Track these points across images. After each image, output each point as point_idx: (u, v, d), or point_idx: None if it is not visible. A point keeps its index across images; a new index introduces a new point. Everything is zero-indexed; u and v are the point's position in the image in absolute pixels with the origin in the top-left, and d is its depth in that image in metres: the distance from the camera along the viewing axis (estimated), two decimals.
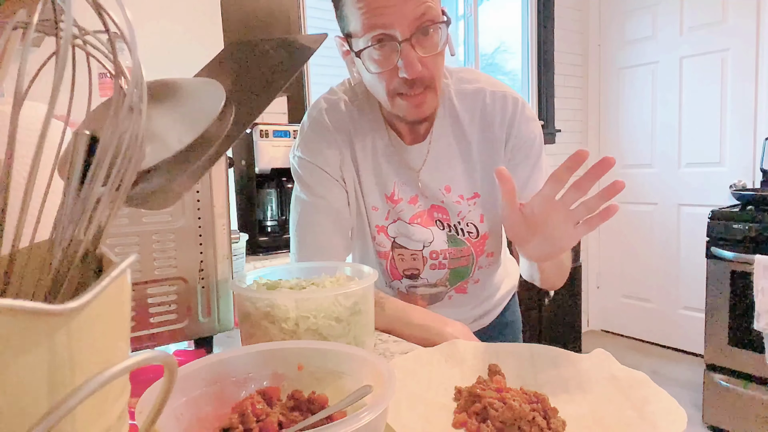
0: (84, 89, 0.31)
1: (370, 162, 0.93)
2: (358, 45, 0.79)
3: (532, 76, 3.20)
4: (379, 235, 0.96)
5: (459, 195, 0.93)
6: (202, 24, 1.88)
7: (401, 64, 0.76)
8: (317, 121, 0.93)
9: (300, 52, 0.42)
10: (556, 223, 0.64)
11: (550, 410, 0.51)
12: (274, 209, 1.85)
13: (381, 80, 0.81)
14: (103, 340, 0.21)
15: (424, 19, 0.75)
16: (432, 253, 0.96)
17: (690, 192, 2.99)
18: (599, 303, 3.51)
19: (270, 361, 0.47)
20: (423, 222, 0.95)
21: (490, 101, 0.90)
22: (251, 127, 1.70)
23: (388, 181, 0.93)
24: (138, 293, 0.61)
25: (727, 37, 2.77)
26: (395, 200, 0.94)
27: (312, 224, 0.92)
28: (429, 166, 0.92)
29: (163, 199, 0.32)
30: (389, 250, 0.97)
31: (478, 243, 0.96)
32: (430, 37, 0.77)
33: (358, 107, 0.93)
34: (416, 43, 0.76)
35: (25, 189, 0.25)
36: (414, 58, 0.76)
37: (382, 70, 0.79)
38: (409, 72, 0.76)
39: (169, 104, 0.33)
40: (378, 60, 0.79)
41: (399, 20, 0.74)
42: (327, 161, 0.91)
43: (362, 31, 0.77)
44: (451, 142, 0.91)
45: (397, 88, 0.80)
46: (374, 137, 0.93)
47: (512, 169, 0.91)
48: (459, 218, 0.94)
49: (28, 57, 0.22)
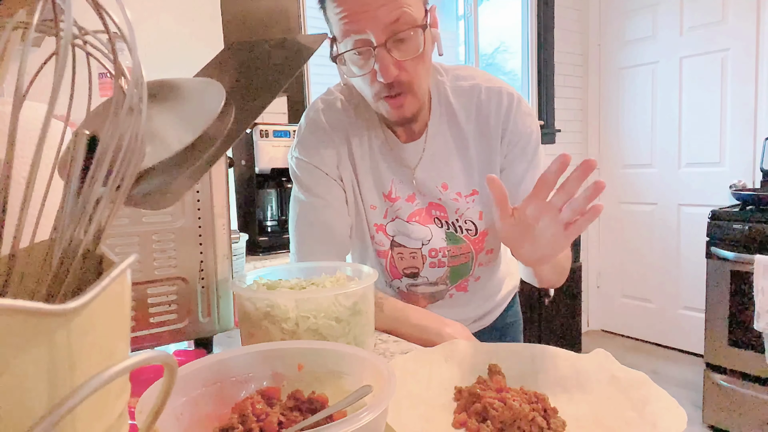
0: (84, 89, 0.31)
1: (368, 160, 0.93)
2: (340, 49, 0.81)
3: (532, 76, 3.20)
4: (378, 234, 0.96)
5: (456, 192, 0.93)
6: (202, 24, 1.88)
7: (377, 68, 0.78)
8: (314, 121, 0.93)
9: (300, 52, 0.42)
10: (547, 226, 0.64)
11: (550, 410, 0.51)
12: (274, 209, 1.85)
13: (365, 83, 0.83)
14: (103, 340, 0.21)
15: (400, 23, 0.76)
16: (431, 251, 0.96)
17: (690, 192, 2.99)
18: (599, 303, 3.50)
19: (270, 361, 0.47)
20: (421, 220, 0.95)
21: (486, 97, 0.90)
22: (251, 127, 1.70)
23: (386, 180, 0.94)
24: (138, 293, 0.61)
25: (727, 37, 2.77)
26: (393, 198, 0.94)
27: (311, 224, 0.92)
28: (425, 164, 0.92)
29: (163, 199, 0.31)
30: (388, 249, 0.97)
31: (477, 240, 0.96)
32: (407, 42, 0.78)
33: (355, 106, 0.94)
34: (392, 47, 0.77)
35: (25, 189, 0.25)
36: (389, 62, 0.77)
37: (361, 74, 0.81)
38: (385, 76, 0.77)
39: (169, 104, 0.33)
40: (358, 64, 0.80)
41: (373, 25, 0.75)
42: (324, 161, 0.92)
43: (341, 36, 0.79)
44: (448, 139, 0.92)
45: (378, 91, 0.82)
46: (370, 136, 0.93)
47: (508, 164, 0.91)
48: (457, 215, 0.94)
49: (28, 57, 0.22)
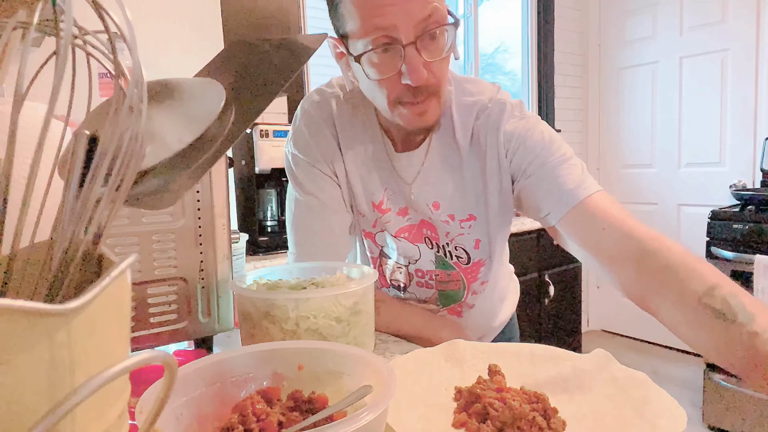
0: (84, 89, 0.31)
1: (360, 166, 0.86)
2: (357, 48, 0.71)
3: (532, 76, 3.20)
4: (367, 240, 0.92)
5: (449, 215, 0.85)
6: (202, 24, 1.88)
7: (405, 70, 0.69)
8: (308, 114, 0.86)
9: (300, 52, 0.42)
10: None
11: (550, 410, 0.51)
12: (274, 209, 1.85)
13: (381, 87, 0.73)
14: (103, 340, 0.21)
15: (431, 21, 0.68)
16: (417, 271, 0.90)
17: (690, 192, 2.99)
18: (599, 303, 3.50)
19: (270, 361, 0.47)
20: (410, 237, 0.88)
21: (483, 115, 0.81)
22: (251, 127, 1.70)
23: (376, 189, 0.86)
24: (138, 293, 0.61)
25: (727, 37, 2.77)
26: (383, 210, 0.87)
27: (308, 225, 0.87)
28: (421, 179, 0.84)
29: (163, 199, 0.31)
30: (377, 257, 0.93)
31: (469, 270, 0.88)
32: (437, 41, 0.70)
33: (353, 105, 0.85)
34: (422, 47, 0.68)
35: (25, 189, 0.25)
36: (419, 63, 0.68)
37: (383, 77, 0.71)
38: (414, 79, 0.69)
39: (169, 104, 0.33)
40: (378, 65, 0.71)
41: (403, 21, 0.66)
42: (318, 158, 0.85)
43: (361, 33, 0.69)
44: (446, 156, 0.83)
45: (400, 96, 0.72)
46: (365, 140, 0.85)
47: (532, 171, 0.77)
48: (448, 239, 0.86)
49: (28, 57, 0.22)
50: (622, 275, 0.68)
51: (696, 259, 0.63)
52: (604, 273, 0.71)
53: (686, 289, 0.60)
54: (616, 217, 0.70)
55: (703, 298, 0.58)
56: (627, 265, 0.67)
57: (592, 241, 0.71)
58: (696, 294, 0.59)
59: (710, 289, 0.58)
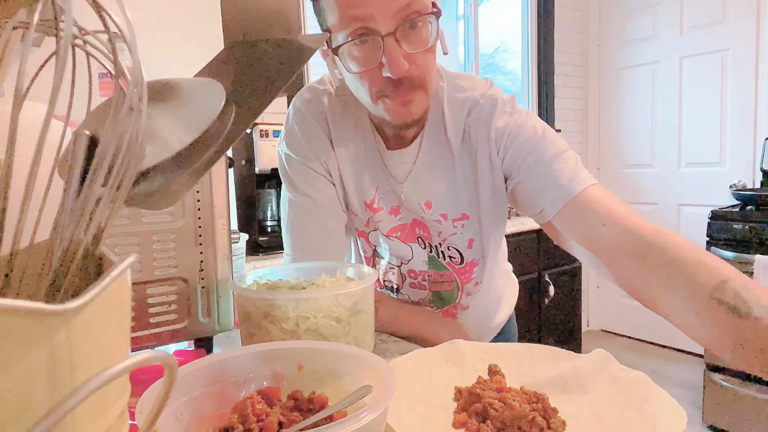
0: (84, 89, 0.31)
1: (352, 165, 0.85)
2: (337, 41, 0.69)
3: (532, 76, 3.20)
4: (361, 240, 0.91)
5: (441, 214, 0.83)
6: (202, 24, 1.88)
7: (385, 62, 0.67)
8: (300, 112, 0.84)
9: (300, 52, 0.42)
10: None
11: (550, 410, 0.51)
12: (274, 209, 1.85)
13: (363, 81, 0.71)
14: (103, 340, 0.21)
15: (410, 11, 0.66)
16: (410, 271, 0.89)
17: (690, 192, 2.99)
18: (599, 303, 3.50)
19: (270, 361, 0.47)
20: (403, 237, 0.87)
21: (475, 111, 0.79)
22: (251, 127, 1.70)
23: (368, 188, 0.85)
24: (138, 293, 0.61)
25: (727, 37, 2.77)
26: (375, 209, 0.85)
27: (303, 226, 0.86)
28: (413, 177, 0.82)
29: (163, 199, 0.31)
30: (371, 257, 0.92)
31: (462, 270, 0.87)
32: (418, 31, 0.68)
33: (345, 102, 0.83)
34: (401, 37, 0.66)
35: (25, 189, 0.25)
36: (399, 54, 0.66)
37: (364, 69, 0.69)
38: (394, 71, 0.67)
39: (169, 104, 0.33)
40: (359, 58, 0.69)
41: (381, 11, 0.65)
42: (311, 157, 0.83)
43: (340, 25, 0.67)
44: (437, 154, 0.81)
45: (382, 89, 0.70)
46: (357, 138, 0.84)
47: (525, 168, 0.76)
48: (440, 239, 0.85)
49: (28, 57, 0.22)
50: (625, 271, 0.66)
51: (704, 252, 0.60)
52: (605, 269, 0.70)
53: (696, 284, 0.56)
54: (617, 211, 0.68)
55: (715, 292, 0.54)
56: (630, 261, 0.64)
57: (591, 237, 0.69)
58: (706, 288, 0.55)
59: (722, 282, 0.54)
